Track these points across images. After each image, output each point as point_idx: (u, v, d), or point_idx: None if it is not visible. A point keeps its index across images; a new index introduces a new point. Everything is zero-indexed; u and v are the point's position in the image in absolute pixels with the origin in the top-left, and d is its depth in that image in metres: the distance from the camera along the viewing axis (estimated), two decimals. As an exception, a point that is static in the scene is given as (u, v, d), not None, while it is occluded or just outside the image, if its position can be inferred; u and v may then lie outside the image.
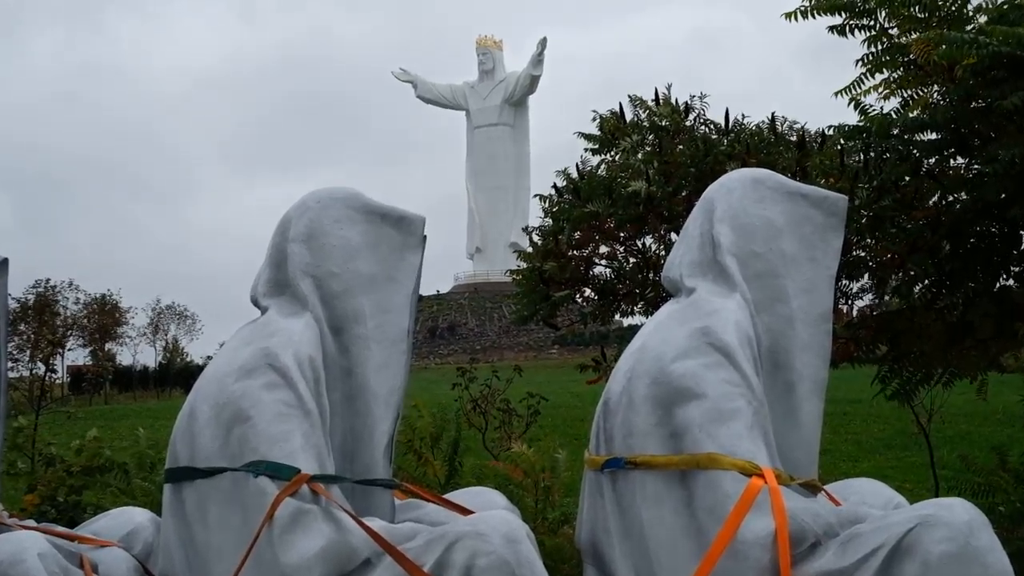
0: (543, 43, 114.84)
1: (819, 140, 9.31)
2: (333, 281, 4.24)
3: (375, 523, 3.80)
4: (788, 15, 7.46)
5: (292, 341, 4.02)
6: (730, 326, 4.01)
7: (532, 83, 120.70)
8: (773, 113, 10.24)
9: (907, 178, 7.51)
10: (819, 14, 7.35)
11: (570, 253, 10.15)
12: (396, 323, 4.30)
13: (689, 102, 10.62)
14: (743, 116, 10.83)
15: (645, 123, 10.89)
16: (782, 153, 9.41)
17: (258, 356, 3.97)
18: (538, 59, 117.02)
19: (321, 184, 4.66)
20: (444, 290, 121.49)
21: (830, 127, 8.47)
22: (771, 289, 4.23)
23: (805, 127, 10.14)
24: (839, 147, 8.42)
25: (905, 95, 7.35)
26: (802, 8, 7.37)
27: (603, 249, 10.37)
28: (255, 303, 4.33)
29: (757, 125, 10.51)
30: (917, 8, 7.03)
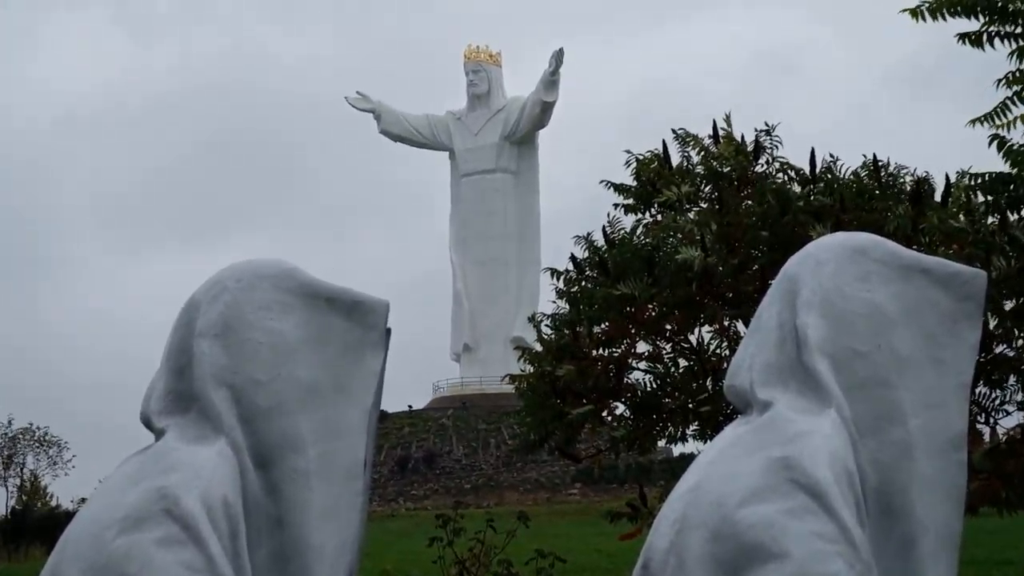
0: (558, 56, 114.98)
1: (944, 191, 9.34)
2: (259, 393, 4.24)
3: None
4: (913, 11, 7.53)
5: (199, 478, 4.01)
6: (822, 456, 3.99)
7: (543, 113, 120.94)
8: (875, 155, 10.28)
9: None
10: (949, 15, 7.43)
11: (594, 353, 10.13)
12: (348, 452, 4.29)
13: (760, 139, 10.66)
14: (834, 159, 10.85)
15: (699, 168, 10.93)
16: (891, 209, 9.44)
17: (151, 499, 3.96)
18: (551, 79, 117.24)
19: (242, 257, 4.67)
20: (419, 406, 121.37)
21: (963, 174, 8.51)
22: (880, 404, 4.23)
23: (918, 173, 10.16)
24: (971, 200, 8.46)
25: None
26: (928, 5, 7.44)
27: (641, 347, 10.38)
28: (147, 424, 4.32)
29: (854, 171, 10.54)
30: None
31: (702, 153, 11.16)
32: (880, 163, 10.51)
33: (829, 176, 10.28)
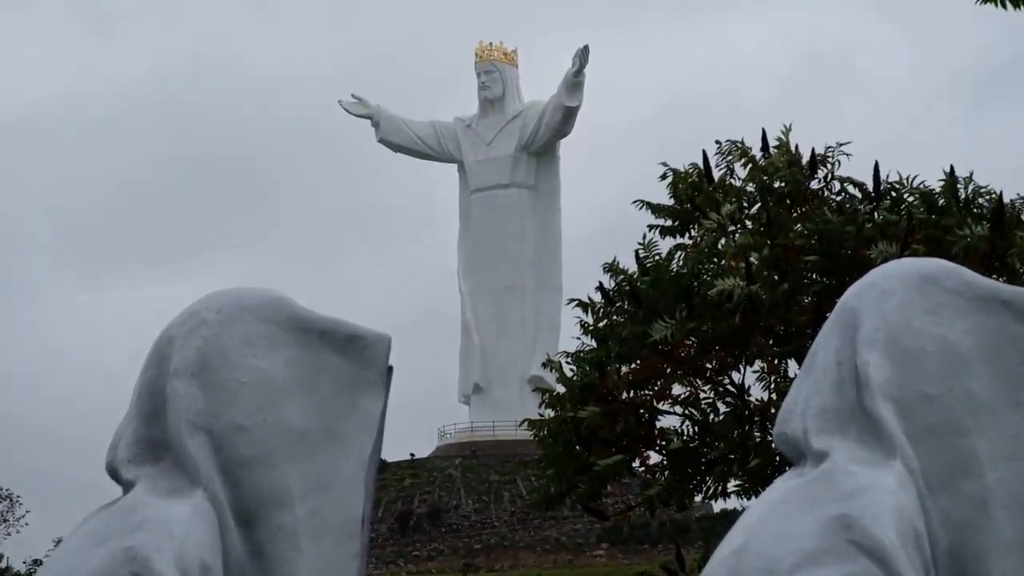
0: (583, 55, 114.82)
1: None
2: (241, 440, 4.23)
3: None
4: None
5: (172, 537, 4.00)
6: (886, 514, 3.98)
7: (566, 119, 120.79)
8: (952, 167, 10.30)
9: None
10: None
11: (624, 395, 10.10)
12: (342, 508, 4.28)
13: (817, 154, 10.66)
14: (906, 177, 10.86)
15: (748, 184, 10.93)
16: (968, 229, 9.42)
17: (117, 562, 3.95)
18: (575, 80, 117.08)
19: (219, 286, 4.67)
20: (422, 454, 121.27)
21: None
22: (953, 454, 4.21)
23: (1001, 193, 10.16)
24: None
25: None
26: None
27: (677, 389, 10.35)
28: (114, 475, 4.32)
29: (924, 187, 10.53)
30: None
31: (749, 166, 11.16)
32: (957, 178, 10.52)
33: (893, 194, 10.29)
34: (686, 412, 10.73)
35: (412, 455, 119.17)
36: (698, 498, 11.57)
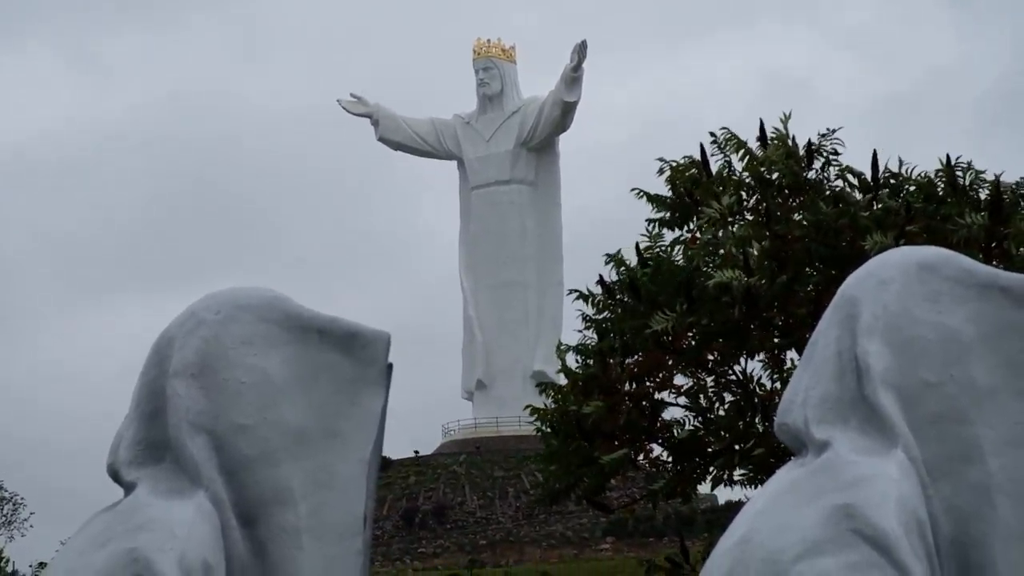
0: (581, 49, 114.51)
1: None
2: (242, 440, 4.21)
3: None
4: None
5: (175, 538, 3.98)
6: (888, 503, 3.96)
7: (564, 114, 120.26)
8: (948, 156, 10.28)
9: None
10: None
11: (626, 388, 10.08)
12: (344, 506, 4.26)
13: (813, 145, 10.64)
14: (904, 165, 10.87)
15: (745, 175, 10.92)
16: (966, 216, 9.40)
17: (120, 563, 3.93)
18: (574, 75, 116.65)
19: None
20: (427, 451, 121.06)
21: None
22: (955, 442, 4.20)
23: (1000, 178, 10.14)
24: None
25: None
26: None
27: (680, 380, 10.33)
28: (115, 477, 4.30)
29: (924, 175, 10.53)
30: None
31: (747, 158, 11.16)
32: (956, 166, 10.51)
33: (893, 182, 10.28)
34: (690, 404, 10.72)
35: (416, 452, 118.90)
36: (702, 487, 11.57)
